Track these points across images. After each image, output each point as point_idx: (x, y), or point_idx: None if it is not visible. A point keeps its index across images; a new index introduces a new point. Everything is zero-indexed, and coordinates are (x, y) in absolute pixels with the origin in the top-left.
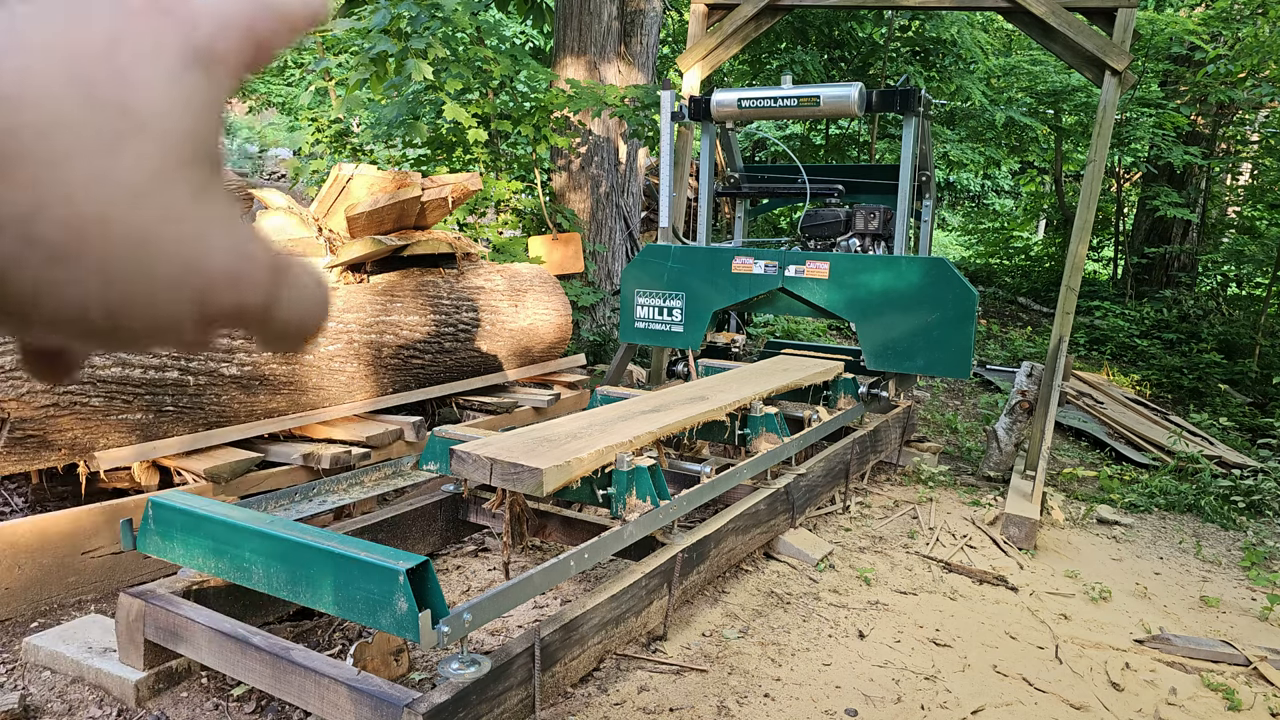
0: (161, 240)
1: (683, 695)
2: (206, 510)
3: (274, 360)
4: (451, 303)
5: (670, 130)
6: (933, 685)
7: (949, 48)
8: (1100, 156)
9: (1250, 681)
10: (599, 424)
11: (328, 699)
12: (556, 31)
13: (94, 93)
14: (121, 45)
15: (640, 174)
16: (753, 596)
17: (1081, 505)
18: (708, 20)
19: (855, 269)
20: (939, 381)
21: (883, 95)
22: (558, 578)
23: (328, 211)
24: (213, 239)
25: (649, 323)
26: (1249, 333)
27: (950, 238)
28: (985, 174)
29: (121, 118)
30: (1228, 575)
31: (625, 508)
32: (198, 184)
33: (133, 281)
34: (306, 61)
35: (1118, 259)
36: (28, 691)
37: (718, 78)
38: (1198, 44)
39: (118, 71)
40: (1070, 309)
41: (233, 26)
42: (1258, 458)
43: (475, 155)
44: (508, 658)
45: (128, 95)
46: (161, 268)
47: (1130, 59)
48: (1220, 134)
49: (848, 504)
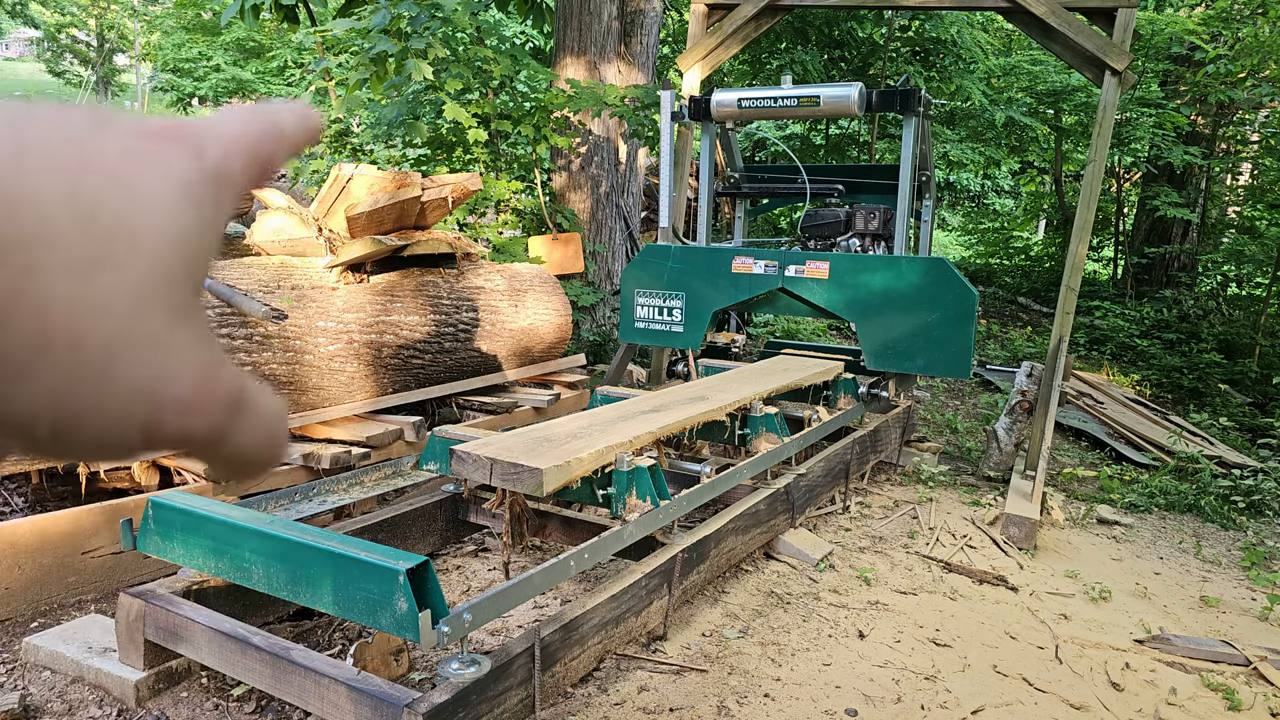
0: (127, 363)
1: (683, 695)
2: (206, 510)
3: (274, 360)
4: (451, 303)
5: (670, 130)
6: (933, 685)
7: (949, 48)
8: (1100, 156)
9: (1250, 681)
10: (599, 424)
11: (328, 699)
12: (556, 31)
13: (93, 209)
14: (131, 165)
15: (640, 174)
16: (753, 596)
17: (1081, 505)
18: (708, 20)
19: (855, 269)
20: (939, 381)
21: (883, 95)
22: (558, 578)
23: (328, 211)
24: (178, 366)
25: (649, 323)
26: (1249, 333)
27: (950, 238)
28: (985, 174)
29: (116, 237)
30: (1228, 575)
31: (625, 508)
32: (177, 307)
33: (87, 401)
34: (307, 62)
35: (1118, 259)
36: (28, 691)
37: (718, 78)
38: (1198, 44)
39: (122, 191)
40: (1070, 309)
41: (237, 151)
42: (1258, 458)
43: (475, 155)
44: (508, 658)
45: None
46: (119, 390)
47: (1130, 59)
48: (1220, 134)
49: (848, 504)
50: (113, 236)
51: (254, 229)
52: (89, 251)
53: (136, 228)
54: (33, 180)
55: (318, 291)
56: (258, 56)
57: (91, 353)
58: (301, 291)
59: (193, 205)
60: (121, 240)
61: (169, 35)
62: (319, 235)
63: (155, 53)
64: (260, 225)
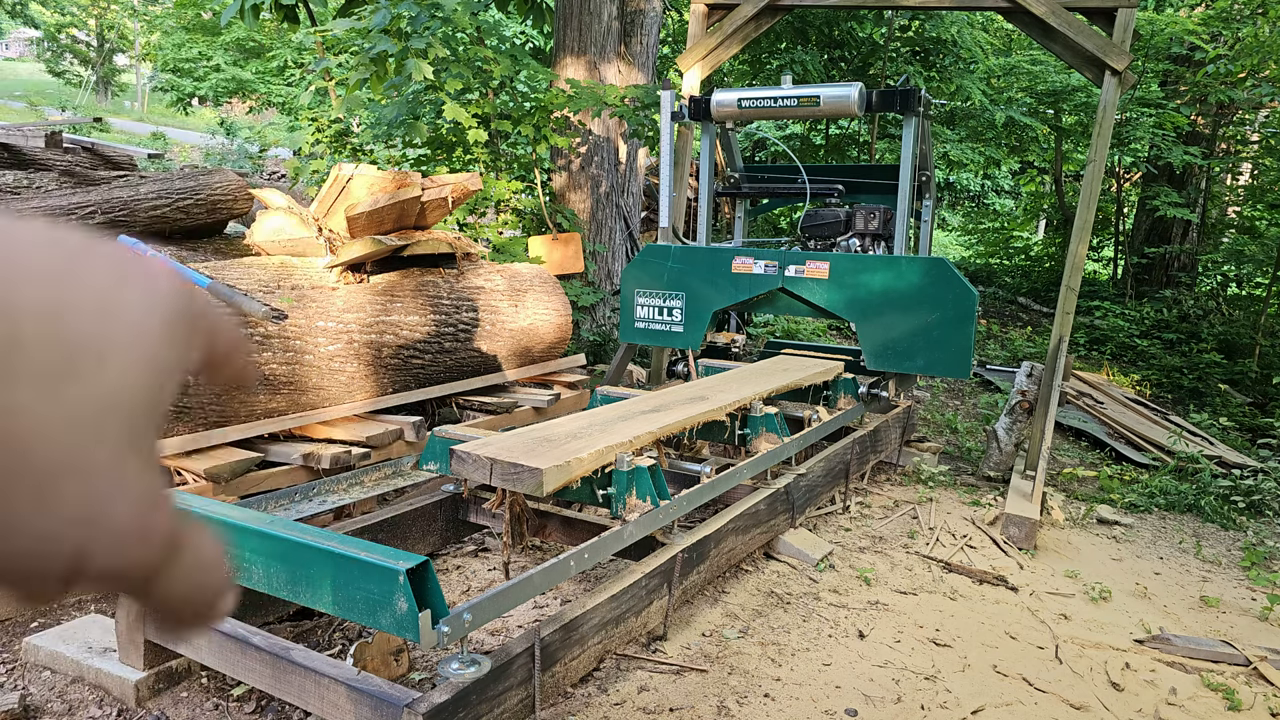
0: (70, 482)
1: (683, 695)
2: (206, 510)
3: (274, 360)
4: (451, 303)
5: (670, 130)
6: (933, 685)
7: (949, 48)
8: (1100, 156)
9: (1250, 681)
10: (599, 424)
11: (327, 699)
12: (556, 31)
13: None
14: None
15: (640, 174)
16: (753, 596)
17: (1081, 505)
18: (708, 20)
19: (855, 269)
20: (939, 381)
21: (883, 95)
22: (558, 578)
23: (328, 211)
24: (121, 494)
25: (649, 323)
26: (1249, 333)
27: (950, 238)
28: (985, 174)
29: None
30: (1228, 575)
31: (625, 508)
32: (131, 435)
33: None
34: (307, 61)
35: (1118, 259)
36: (28, 691)
37: (718, 78)
38: (1197, 44)
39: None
40: (1070, 309)
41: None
42: (1258, 458)
43: (475, 155)
44: (508, 658)
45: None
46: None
47: (1130, 59)
48: (1220, 134)
49: (848, 504)
50: (83, 353)
51: (254, 229)
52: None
53: (108, 349)
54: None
55: (318, 291)
56: (258, 56)
57: (36, 464)
58: (301, 291)
59: (167, 342)
60: (90, 357)
61: (169, 35)
62: (319, 235)
63: (155, 53)
64: (260, 225)
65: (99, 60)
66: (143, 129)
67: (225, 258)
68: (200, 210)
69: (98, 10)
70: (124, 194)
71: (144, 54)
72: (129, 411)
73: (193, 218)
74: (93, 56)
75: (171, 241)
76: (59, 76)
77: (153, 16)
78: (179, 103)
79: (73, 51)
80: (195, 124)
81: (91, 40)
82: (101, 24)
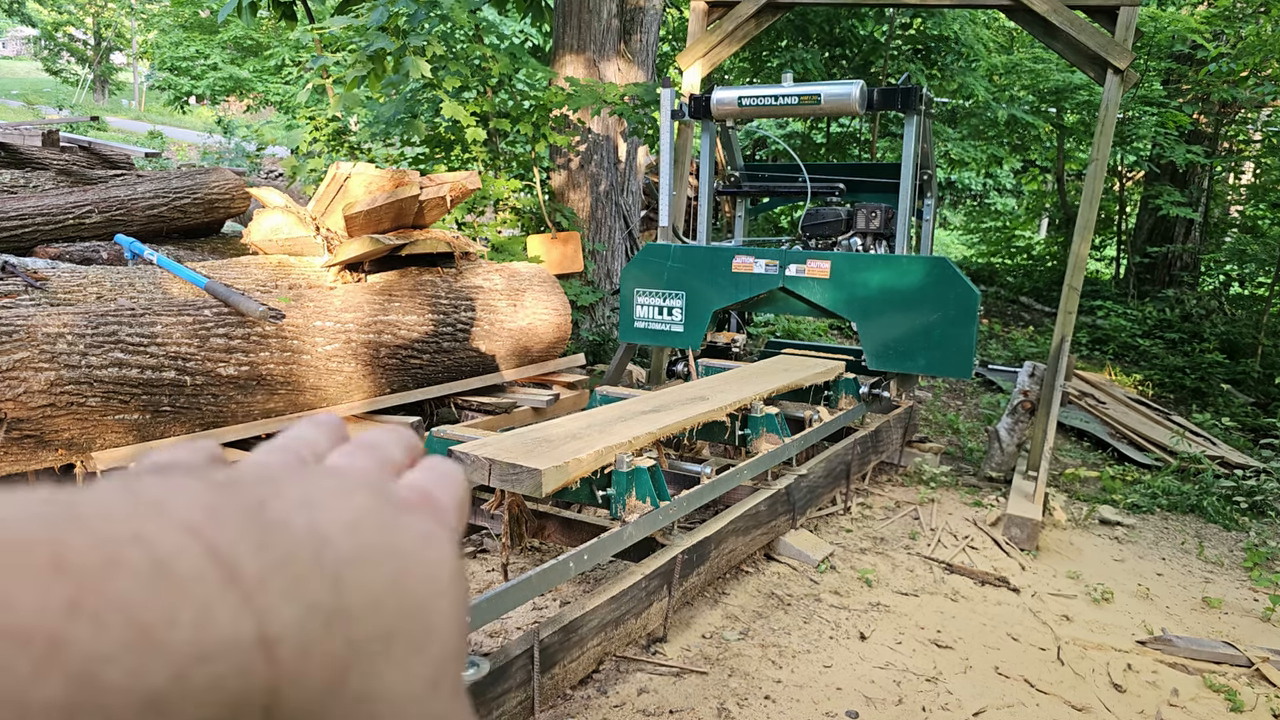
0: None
1: (682, 697)
2: None
3: (271, 360)
4: (450, 302)
5: (670, 128)
6: (934, 687)
7: (951, 45)
8: (1102, 155)
9: (1252, 683)
10: (598, 424)
11: None
12: (556, 29)
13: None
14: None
15: (640, 172)
16: (753, 598)
17: (1084, 506)
18: (708, 18)
19: (856, 268)
20: (941, 381)
21: (884, 93)
22: (557, 579)
23: (325, 210)
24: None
25: (649, 322)
26: (1251, 332)
27: (952, 237)
28: (987, 173)
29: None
30: (1230, 576)
31: (625, 509)
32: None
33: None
34: (304, 59)
35: (1120, 258)
36: None
37: (718, 76)
38: (1200, 42)
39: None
40: (1072, 308)
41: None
42: (1260, 458)
43: (474, 154)
44: (506, 659)
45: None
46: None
47: (1132, 57)
48: (1223, 133)
49: (849, 505)
50: (417, 617)
51: (251, 228)
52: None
53: (432, 610)
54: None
55: (315, 291)
56: (255, 54)
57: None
58: (299, 291)
59: (461, 582)
60: (421, 622)
61: (166, 33)
62: (317, 234)
63: (152, 51)
64: (258, 224)
65: (96, 59)
66: (140, 128)
67: (222, 257)
68: (197, 209)
69: (95, 8)
70: (121, 193)
71: (141, 52)
72: (456, 661)
73: (190, 217)
74: (90, 55)
75: (169, 240)
76: (56, 75)
77: (150, 15)
78: (176, 101)
79: (70, 50)
80: (192, 123)
81: (89, 39)
82: (99, 22)
